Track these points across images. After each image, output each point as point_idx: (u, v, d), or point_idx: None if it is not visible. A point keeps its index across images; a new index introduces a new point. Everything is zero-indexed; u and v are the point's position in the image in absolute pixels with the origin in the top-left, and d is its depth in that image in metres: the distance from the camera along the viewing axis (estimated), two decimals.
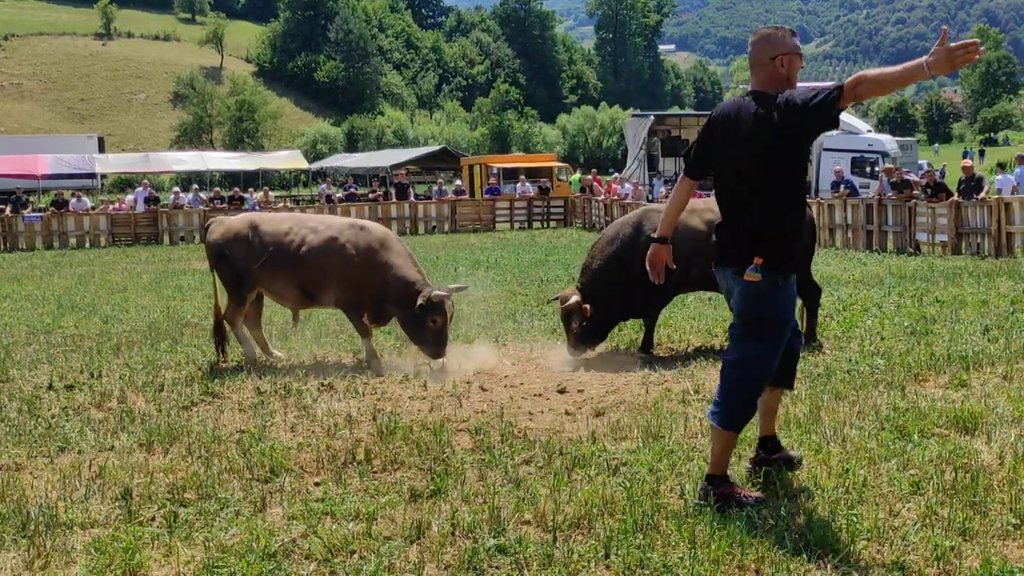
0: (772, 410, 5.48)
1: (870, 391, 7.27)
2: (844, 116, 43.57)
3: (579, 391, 8.00)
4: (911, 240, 20.31)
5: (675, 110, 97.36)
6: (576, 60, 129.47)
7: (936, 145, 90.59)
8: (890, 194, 21.33)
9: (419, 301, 8.79)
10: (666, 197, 27.95)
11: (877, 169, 30.46)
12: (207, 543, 4.59)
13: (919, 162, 44.71)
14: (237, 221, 9.84)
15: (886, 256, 19.34)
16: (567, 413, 7.19)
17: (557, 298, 9.90)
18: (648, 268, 5.30)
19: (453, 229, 31.75)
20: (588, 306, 9.26)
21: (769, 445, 5.45)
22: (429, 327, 8.86)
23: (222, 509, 5.12)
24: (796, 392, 7.33)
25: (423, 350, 9.10)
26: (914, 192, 20.87)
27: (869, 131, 40.99)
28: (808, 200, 10.55)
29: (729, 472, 5.00)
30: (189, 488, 5.45)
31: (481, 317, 11.86)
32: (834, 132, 36.91)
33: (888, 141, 38.24)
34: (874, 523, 4.49)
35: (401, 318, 9.16)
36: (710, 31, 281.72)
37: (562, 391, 8.02)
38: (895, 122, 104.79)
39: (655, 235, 5.30)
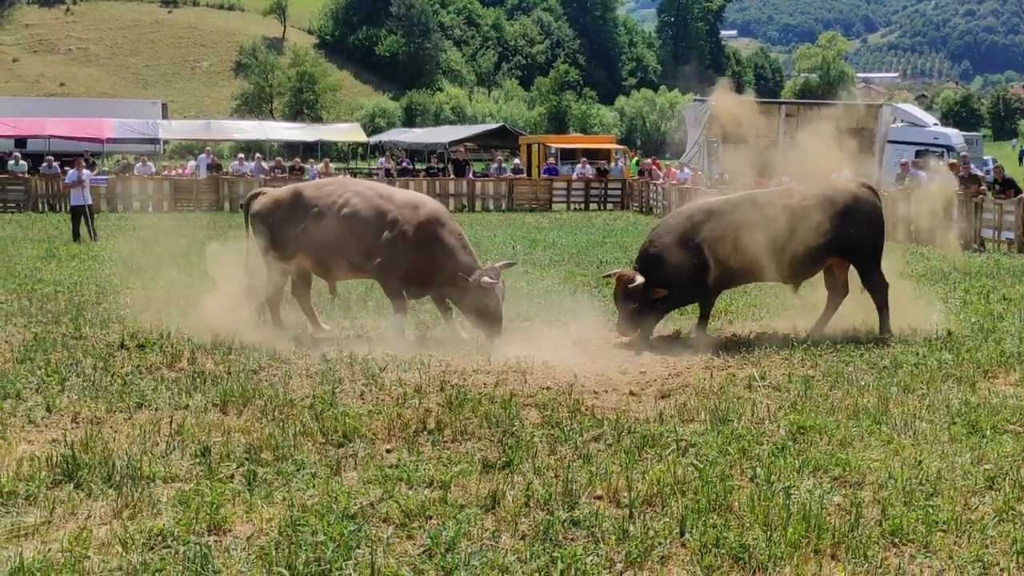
0: None
1: (939, 385, 7.21)
2: (909, 108, 42.41)
3: (641, 372, 8.04)
4: (976, 236, 19.95)
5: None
6: (637, 43, 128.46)
7: (1015, 140, 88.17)
8: (956, 189, 20.95)
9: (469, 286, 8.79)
10: (720, 181, 27.74)
11: (942, 163, 29.87)
12: (287, 502, 4.71)
13: (984, 158, 43.76)
14: (280, 190, 9.85)
15: (950, 252, 19.01)
16: (632, 393, 7.24)
17: (611, 275, 9.82)
18: None
19: (509, 207, 31.74)
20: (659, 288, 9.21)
21: None
22: (483, 310, 8.88)
23: (299, 471, 5.24)
24: (863, 383, 7.30)
25: (481, 331, 9.06)
26: (981, 188, 20.48)
27: (935, 124, 40.16)
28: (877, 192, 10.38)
29: None
30: (265, 449, 5.58)
31: (541, 295, 11.89)
32: (900, 123, 35.84)
33: (954, 135, 37.44)
34: (951, 515, 4.48)
35: (457, 301, 9.15)
36: (773, 18, 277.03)
37: (624, 372, 8.06)
38: (960, 116, 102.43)
39: None
